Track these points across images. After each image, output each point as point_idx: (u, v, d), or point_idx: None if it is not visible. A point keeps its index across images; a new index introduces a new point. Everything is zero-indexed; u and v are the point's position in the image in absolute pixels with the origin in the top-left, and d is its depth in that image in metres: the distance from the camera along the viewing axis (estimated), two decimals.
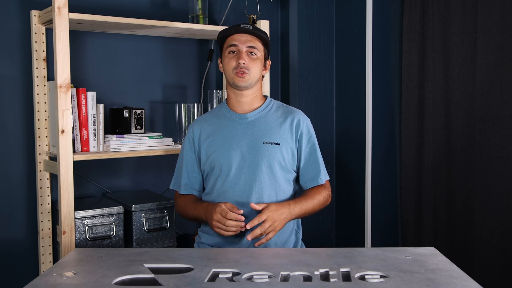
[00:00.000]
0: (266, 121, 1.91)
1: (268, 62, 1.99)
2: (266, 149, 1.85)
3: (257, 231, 1.69)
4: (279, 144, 1.86)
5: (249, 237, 1.69)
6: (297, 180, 1.96)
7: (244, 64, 1.85)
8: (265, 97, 2.01)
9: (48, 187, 2.27)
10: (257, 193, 1.83)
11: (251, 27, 1.90)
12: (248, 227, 1.70)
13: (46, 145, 2.25)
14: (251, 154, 1.84)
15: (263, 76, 1.99)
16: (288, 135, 1.89)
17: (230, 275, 1.38)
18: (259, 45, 1.91)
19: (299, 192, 1.97)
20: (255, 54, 1.89)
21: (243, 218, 1.72)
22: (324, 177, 1.94)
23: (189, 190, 1.95)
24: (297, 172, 1.94)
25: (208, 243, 1.90)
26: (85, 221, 2.13)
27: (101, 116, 2.21)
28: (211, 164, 1.88)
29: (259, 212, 1.76)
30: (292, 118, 1.93)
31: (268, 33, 2.21)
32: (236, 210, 1.73)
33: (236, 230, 1.73)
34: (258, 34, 1.90)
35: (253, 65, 1.88)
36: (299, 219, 1.96)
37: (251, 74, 1.87)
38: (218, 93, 2.53)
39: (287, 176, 1.89)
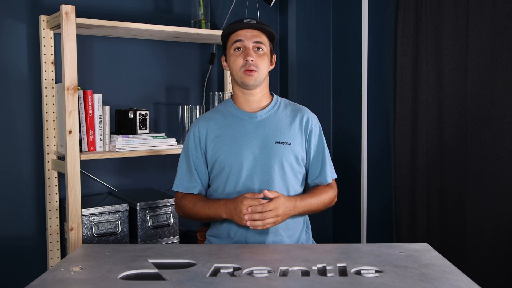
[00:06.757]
0: (276, 120, 1.81)
1: (274, 57, 1.87)
2: (278, 149, 1.75)
3: (256, 216, 1.61)
4: (290, 144, 1.77)
5: (248, 222, 1.62)
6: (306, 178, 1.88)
7: (252, 61, 1.74)
8: (271, 94, 1.90)
9: (56, 186, 2.29)
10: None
11: (255, 22, 1.78)
12: (250, 210, 1.61)
13: (54, 145, 2.27)
14: (263, 155, 1.75)
15: (268, 72, 1.86)
16: (298, 134, 1.81)
17: (231, 270, 1.38)
18: (265, 40, 1.79)
19: (306, 189, 1.91)
20: (262, 50, 1.78)
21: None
22: (330, 176, 1.86)
23: (199, 189, 1.83)
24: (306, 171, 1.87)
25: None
26: (92, 218, 2.15)
27: (107, 117, 2.23)
28: (221, 164, 1.77)
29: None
30: (301, 116, 1.84)
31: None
32: (258, 195, 1.64)
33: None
34: (263, 27, 1.79)
35: (261, 61, 1.77)
36: (308, 219, 1.91)
37: (260, 72, 1.76)
38: (220, 95, 2.54)
39: (298, 175, 1.81)
